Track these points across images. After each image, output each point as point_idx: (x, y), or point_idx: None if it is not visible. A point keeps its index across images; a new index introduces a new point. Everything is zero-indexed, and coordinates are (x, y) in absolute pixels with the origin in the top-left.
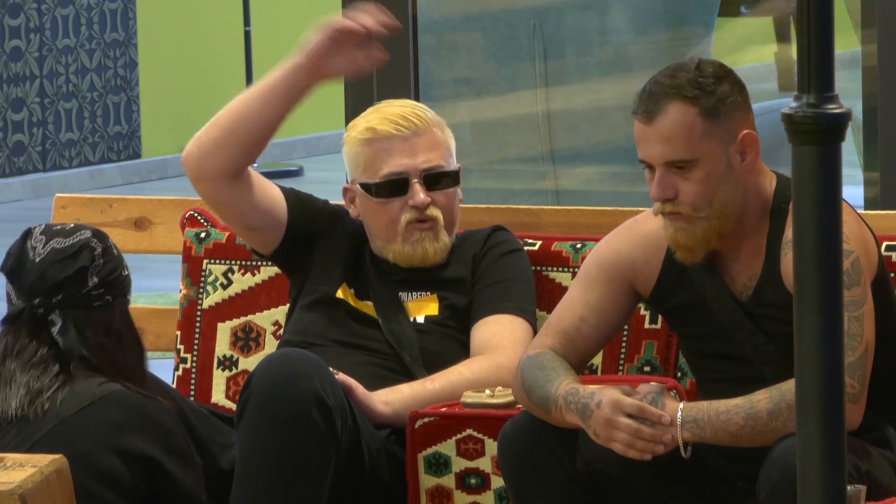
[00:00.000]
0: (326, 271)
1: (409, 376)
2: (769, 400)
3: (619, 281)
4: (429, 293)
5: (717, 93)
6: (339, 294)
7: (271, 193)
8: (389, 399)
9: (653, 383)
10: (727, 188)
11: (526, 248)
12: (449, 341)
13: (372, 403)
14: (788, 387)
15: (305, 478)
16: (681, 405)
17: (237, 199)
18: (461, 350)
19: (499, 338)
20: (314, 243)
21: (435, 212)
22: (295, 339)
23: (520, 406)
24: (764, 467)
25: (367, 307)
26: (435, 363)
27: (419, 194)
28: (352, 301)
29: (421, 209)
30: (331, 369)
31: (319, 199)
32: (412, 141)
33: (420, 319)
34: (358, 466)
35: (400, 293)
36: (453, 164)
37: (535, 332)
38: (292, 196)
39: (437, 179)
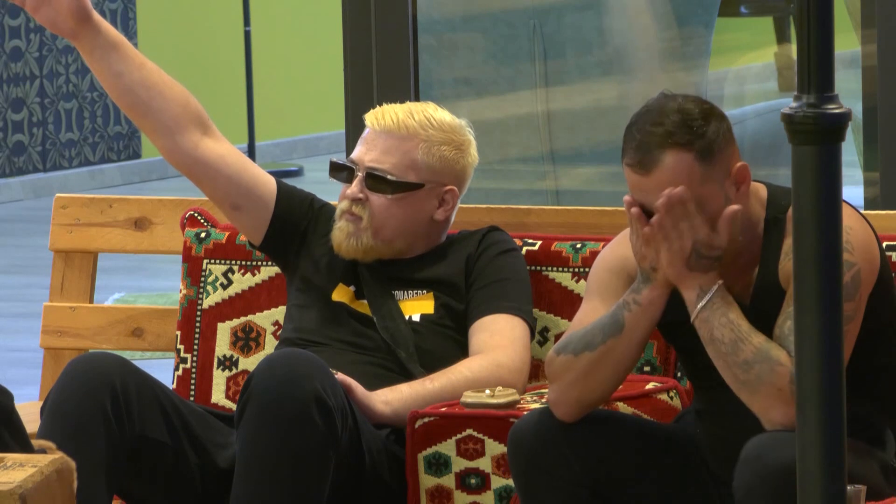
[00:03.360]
0: (320, 271)
1: (405, 374)
2: (754, 351)
3: (631, 285)
4: (424, 292)
5: (708, 133)
6: (336, 295)
7: (255, 173)
8: (389, 399)
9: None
10: None
11: (526, 248)
12: (444, 339)
13: (371, 403)
14: (776, 354)
15: (305, 478)
16: (714, 289)
17: (211, 165)
18: (457, 348)
19: (498, 337)
20: (305, 239)
21: (360, 210)
22: (293, 336)
23: (520, 406)
24: (737, 467)
25: (363, 306)
26: (431, 361)
27: (353, 186)
28: (349, 301)
29: (349, 200)
30: (331, 370)
31: (316, 199)
32: (376, 137)
33: (416, 318)
34: (358, 466)
35: (395, 291)
36: (410, 178)
37: (532, 331)
38: (285, 187)
39: (376, 181)
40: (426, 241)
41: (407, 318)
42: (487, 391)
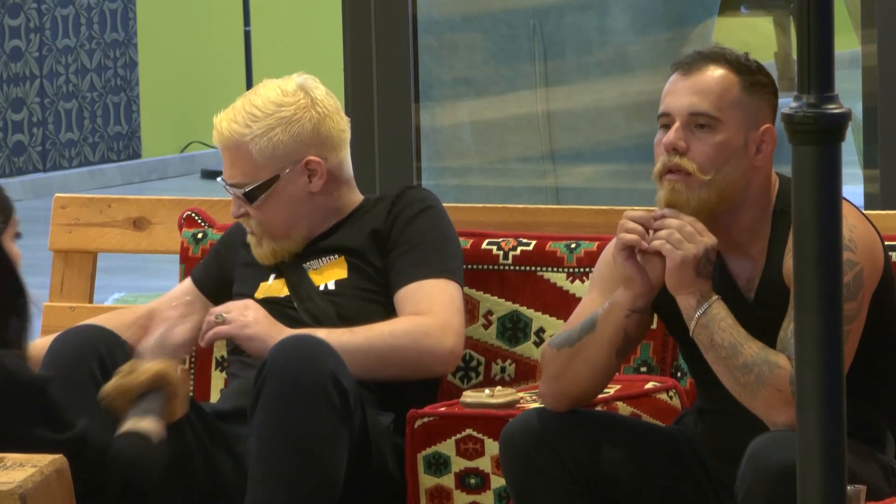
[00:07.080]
0: (243, 280)
1: None
2: (753, 354)
3: None
4: (335, 256)
5: (757, 76)
6: (259, 293)
7: (187, 300)
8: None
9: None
10: (736, 167)
11: (520, 248)
12: (364, 302)
13: (273, 336)
14: (774, 358)
15: (326, 455)
16: (714, 298)
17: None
18: (377, 308)
19: (427, 302)
20: (230, 270)
21: (248, 223)
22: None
23: (520, 406)
24: (740, 468)
25: (281, 284)
26: (355, 325)
27: (231, 206)
28: (269, 292)
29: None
30: (209, 318)
31: (221, 242)
32: (223, 154)
33: (331, 285)
34: (365, 453)
35: (309, 262)
36: (263, 176)
37: (461, 286)
38: (199, 276)
39: (245, 195)
40: (328, 214)
41: (322, 286)
42: (487, 391)
